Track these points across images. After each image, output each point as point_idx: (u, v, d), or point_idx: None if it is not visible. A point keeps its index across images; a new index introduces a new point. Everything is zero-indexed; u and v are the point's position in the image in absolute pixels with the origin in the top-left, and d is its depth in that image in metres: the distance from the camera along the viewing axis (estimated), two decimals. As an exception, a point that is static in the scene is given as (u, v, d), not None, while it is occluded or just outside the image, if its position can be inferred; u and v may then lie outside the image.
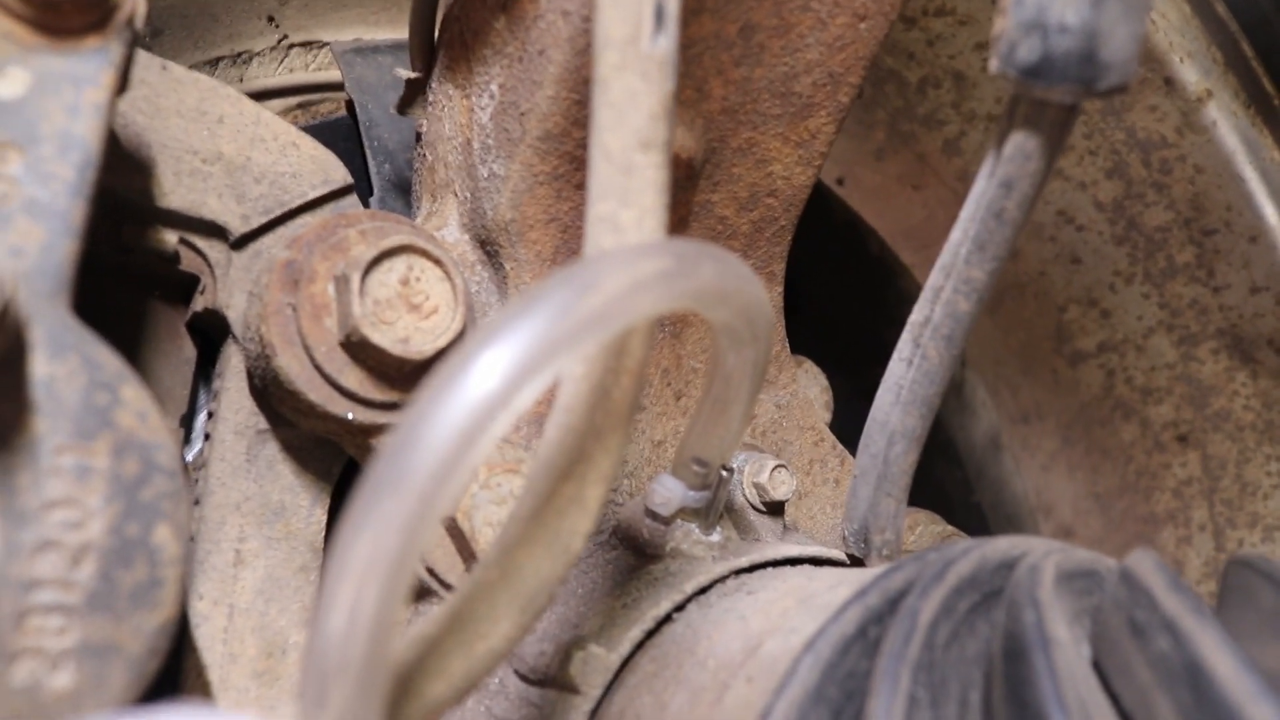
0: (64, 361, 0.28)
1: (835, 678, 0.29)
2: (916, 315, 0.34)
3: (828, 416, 0.49)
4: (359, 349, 0.36)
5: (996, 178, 0.31)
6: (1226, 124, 0.58)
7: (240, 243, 0.40)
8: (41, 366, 0.28)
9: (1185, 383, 0.64)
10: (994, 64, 0.32)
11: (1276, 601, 0.27)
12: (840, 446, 0.46)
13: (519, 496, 0.30)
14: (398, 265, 0.36)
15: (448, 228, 0.41)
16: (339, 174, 0.41)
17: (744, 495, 0.42)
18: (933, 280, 0.33)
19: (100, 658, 0.26)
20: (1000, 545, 0.29)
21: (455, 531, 0.35)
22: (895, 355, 0.35)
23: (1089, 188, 0.61)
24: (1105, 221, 0.62)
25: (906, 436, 0.35)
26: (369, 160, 0.51)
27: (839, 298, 0.58)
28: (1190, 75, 0.57)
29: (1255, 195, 0.58)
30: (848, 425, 0.45)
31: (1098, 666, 0.28)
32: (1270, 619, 0.27)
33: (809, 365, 0.51)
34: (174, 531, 0.28)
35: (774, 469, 0.42)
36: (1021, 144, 0.31)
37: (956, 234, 0.32)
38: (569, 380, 0.29)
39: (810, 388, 0.49)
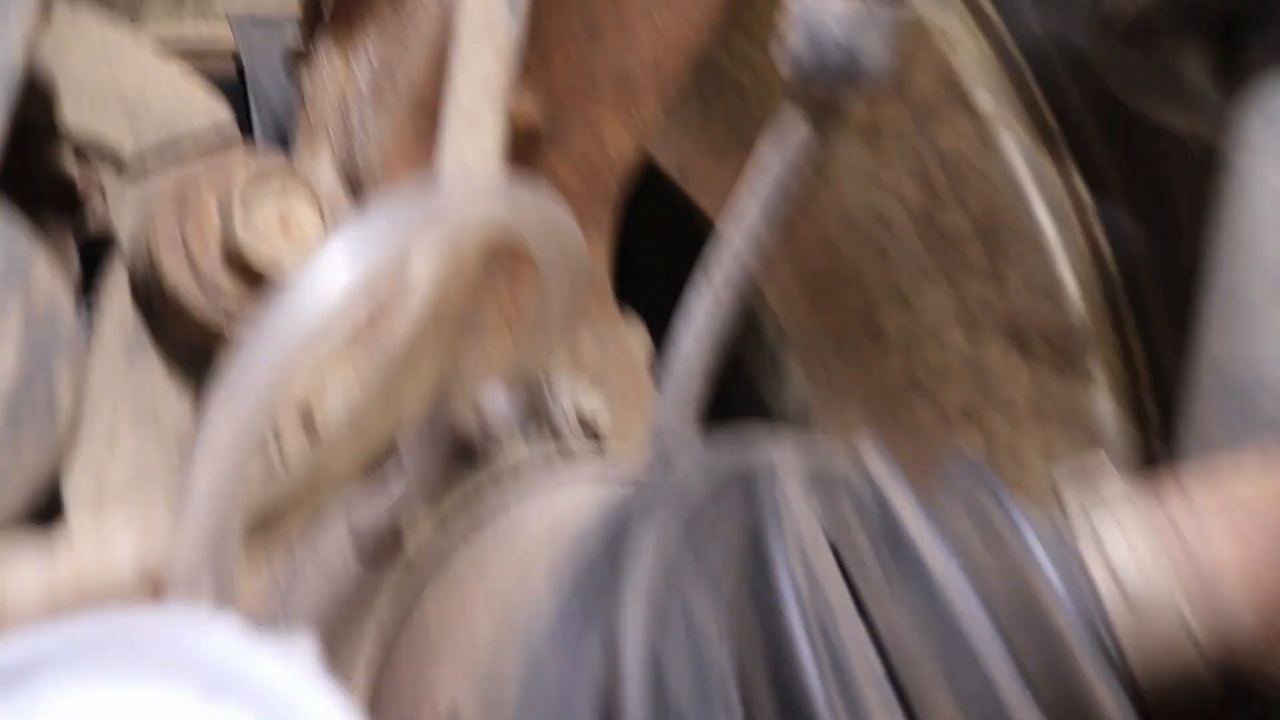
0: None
1: (591, 564, 0.36)
2: (715, 264, 0.42)
3: (647, 364, 0.57)
4: (238, 265, 0.42)
5: (777, 153, 0.40)
6: (1014, 147, 0.68)
7: (132, 168, 0.46)
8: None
9: (973, 369, 0.74)
10: (784, 70, 0.40)
11: (971, 485, 0.35)
12: (655, 390, 0.54)
13: (364, 379, 0.37)
14: (275, 194, 0.43)
15: (321, 169, 0.47)
16: (225, 116, 0.47)
17: (564, 416, 0.50)
18: (725, 236, 0.41)
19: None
20: (737, 447, 0.37)
21: (307, 417, 0.42)
22: (694, 300, 0.43)
23: (898, 192, 0.71)
24: (911, 223, 0.71)
25: (701, 369, 0.43)
26: (254, 116, 0.57)
27: (672, 272, 0.66)
28: (986, 101, 0.67)
29: (1036, 210, 0.69)
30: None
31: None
32: (964, 499, 0.35)
33: (638, 326, 0.59)
34: (71, 391, 0.34)
35: (591, 394, 0.49)
36: (798, 128, 0.40)
37: (744, 198, 0.40)
38: (413, 288, 0.36)
39: (634, 343, 0.57)
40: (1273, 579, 0.33)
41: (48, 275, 0.35)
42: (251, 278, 0.43)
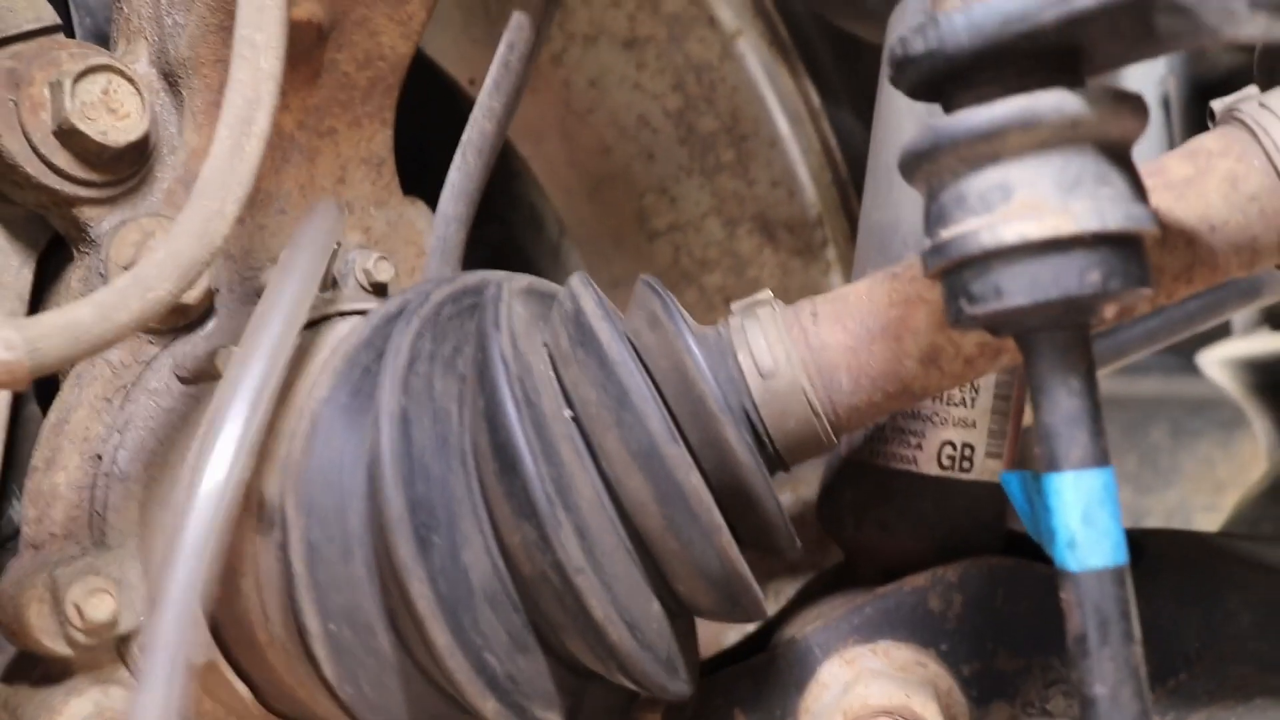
0: None
1: (356, 367, 0.46)
2: (464, 137, 0.53)
3: (430, 241, 0.67)
4: (68, 137, 0.51)
5: (506, 41, 0.50)
6: (754, 56, 0.80)
7: (-36, 59, 0.53)
8: None
9: (730, 257, 0.86)
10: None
11: (649, 297, 0.47)
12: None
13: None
14: (100, 79, 0.51)
15: (139, 62, 0.55)
16: (49, 14, 0.55)
17: (355, 279, 0.60)
18: (474, 112, 0.52)
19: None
20: (477, 273, 0.48)
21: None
22: (451, 167, 0.53)
23: (659, 99, 0.82)
24: (671, 126, 0.83)
25: (458, 220, 0.54)
26: (73, 16, 0.64)
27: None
28: (728, 17, 0.79)
29: (773, 111, 0.81)
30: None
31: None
32: (644, 308, 0.47)
33: (421, 205, 0.69)
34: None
35: (378, 259, 0.59)
36: (521, 20, 0.50)
37: (488, 80, 0.51)
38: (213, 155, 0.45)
39: (419, 219, 0.67)
40: (865, 356, 0.46)
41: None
42: (81, 150, 0.51)
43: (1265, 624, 0.54)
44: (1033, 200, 0.38)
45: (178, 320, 0.54)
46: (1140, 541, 0.56)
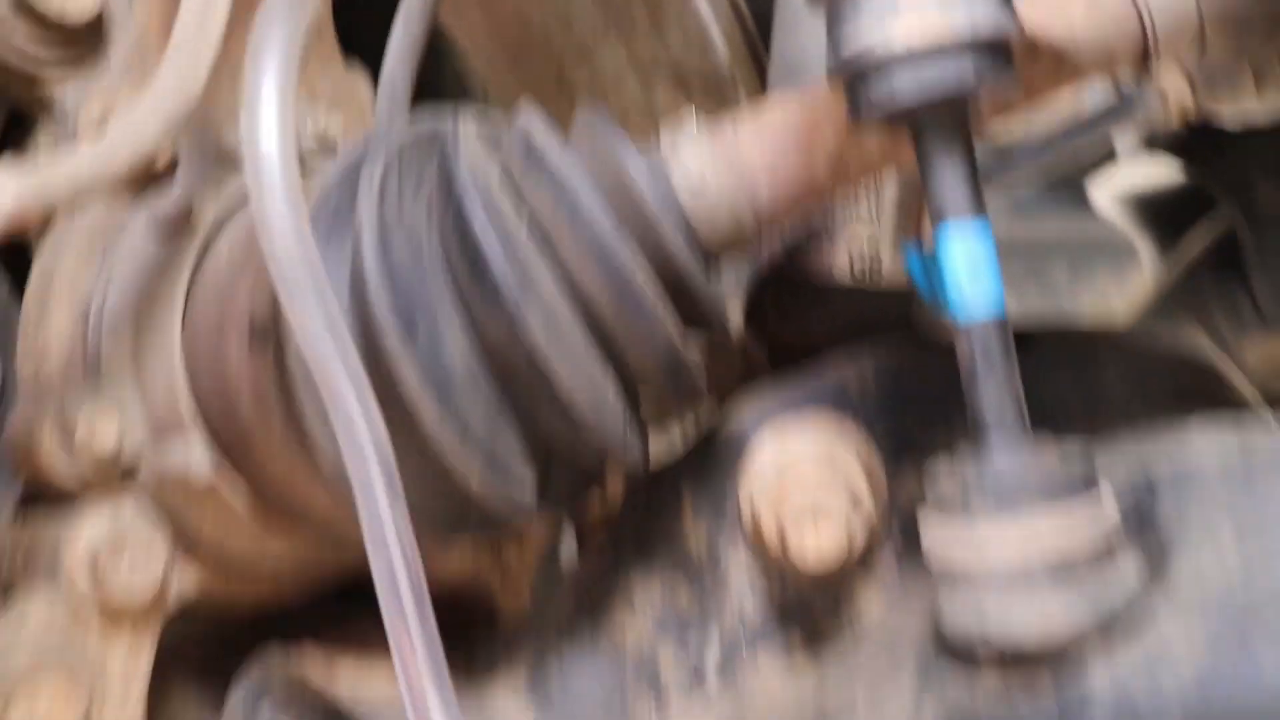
0: None
1: (331, 200, 0.53)
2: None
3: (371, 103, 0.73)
4: (27, 14, 0.55)
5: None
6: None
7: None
8: None
9: (648, 113, 0.93)
10: None
11: (591, 124, 0.53)
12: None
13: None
14: (54, -48, 0.56)
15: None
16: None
17: (306, 136, 0.66)
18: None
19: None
20: (430, 119, 0.55)
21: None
22: (394, 28, 0.59)
23: (574, -38, 0.88)
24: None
25: (404, 79, 0.60)
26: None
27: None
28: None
29: (683, -29, 0.87)
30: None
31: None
32: (588, 134, 0.53)
33: (360, 71, 0.74)
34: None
35: (328, 117, 0.65)
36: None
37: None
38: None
39: (359, 84, 0.73)
40: (781, 161, 0.53)
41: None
42: (40, 26, 0.56)
43: (1134, 391, 0.64)
44: (917, 14, 0.45)
45: (147, 182, 0.60)
46: (1029, 333, 0.66)
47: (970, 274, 0.45)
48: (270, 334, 0.52)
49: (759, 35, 0.90)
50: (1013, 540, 0.44)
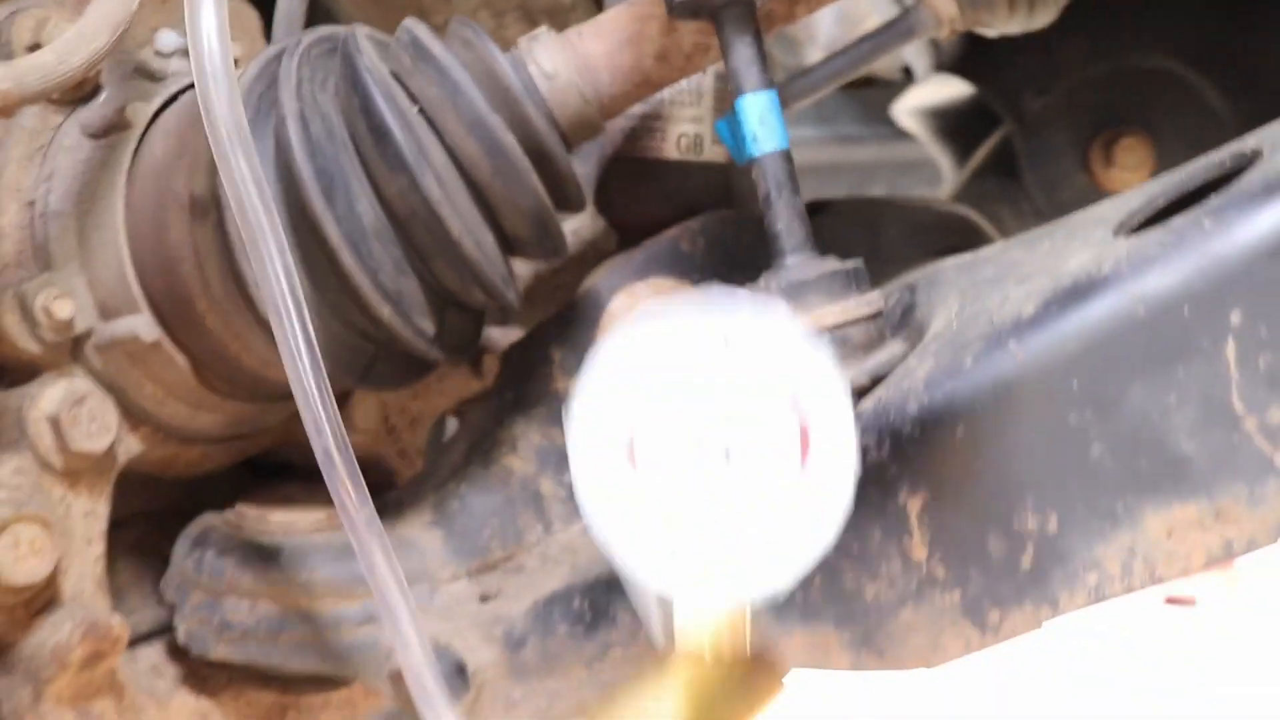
0: None
1: (254, 95, 0.65)
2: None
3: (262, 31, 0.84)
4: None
5: None
6: None
7: None
8: None
9: (501, 43, 1.06)
10: None
11: (463, 28, 0.67)
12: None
13: None
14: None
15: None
16: None
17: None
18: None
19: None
20: (327, 26, 0.67)
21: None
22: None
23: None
24: (439, -68, 1.01)
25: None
26: None
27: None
28: None
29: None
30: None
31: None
32: (460, 37, 0.67)
33: (249, 4, 0.85)
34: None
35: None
36: None
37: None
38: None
39: (250, 15, 0.84)
40: (618, 59, 0.68)
41: None
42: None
43: (910, 242, 0.81)
44: (713, -73, 0.60)
45: (77, 94, 0.70)
46: (828, 200, 0.82)
47: (760, 122, 0.60)
48: (210, 206, 0.63)
49: (595, -29, 1.04)
50: (803, 325, 0.60)
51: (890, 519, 0.54)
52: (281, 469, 0.87)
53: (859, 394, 0.58)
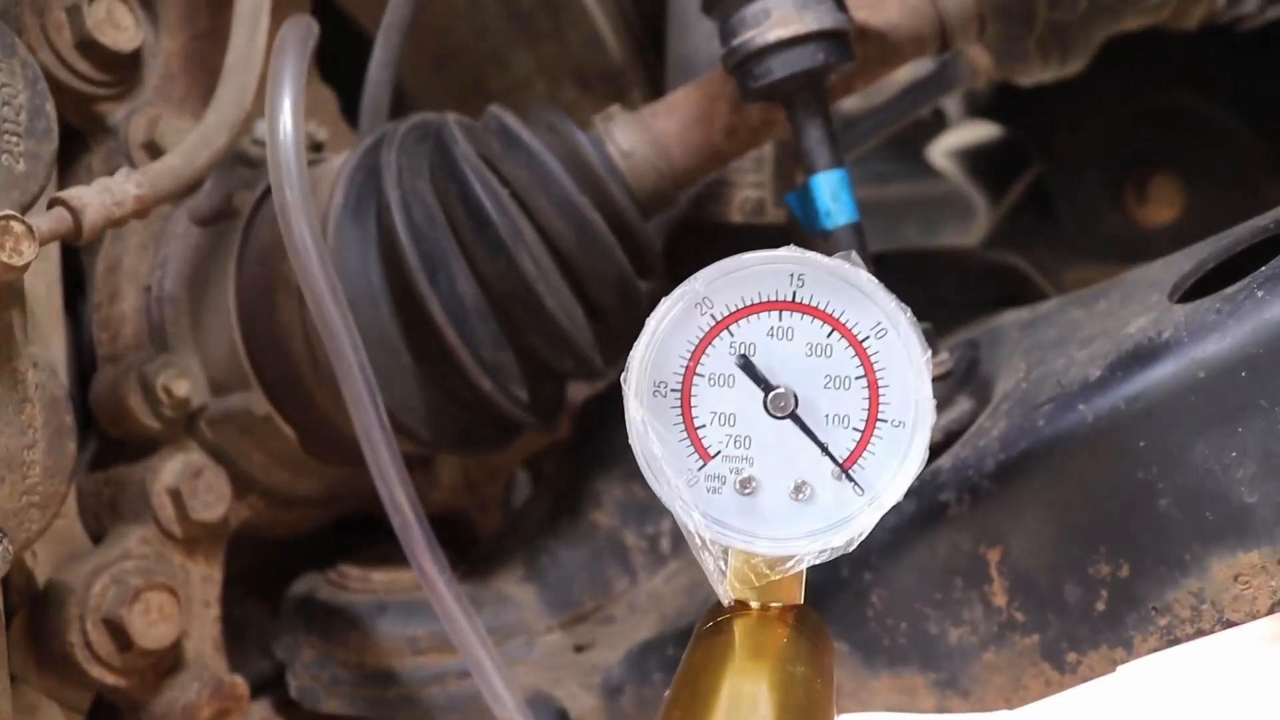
0: None
1: (355, 182, 0.70)
2: (385, 20, 0.76)
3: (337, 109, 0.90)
4: (87, 47, 0.71)
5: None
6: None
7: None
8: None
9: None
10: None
11: (546, 114, 0.72)
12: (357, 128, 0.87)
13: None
14: (102, 3, 0.71)
15: (115, -13, 0.75)
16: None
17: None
18: (391, 3, 0.75)
19: (33, 159, 0.61)
20: (418, 114, 0.72)
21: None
22: (376, 44, 0.77)
23: (487, -15, 1.06)
24: (498, 4, 1.07)
25: (385, 83, 0.77)
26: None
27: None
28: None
29: (579, -15, 1.06)
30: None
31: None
32: (544, 122, 0.72)
33: (328, 88, 0.91)
34: (52, 111, 0.62)
35: (316, 124, 0.82)
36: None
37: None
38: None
39: (330, 99, 0.89)
40: (688, 135, 0.73)
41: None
42: (98, 58, 0.71)
43: (964, 295, 0.86)
44: (782, 16, 0.65)
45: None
46: (883, 254, 0.87)
47: (833, 198, 0.65)
48: (320, 289, 0.69)
49: (645, 35, 1.09)
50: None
51: (971, 569, 0.59)
52: (365, 525, 0.92)
53: (934, 451, 0.63)
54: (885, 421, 0.47)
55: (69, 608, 0.68)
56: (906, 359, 0.47)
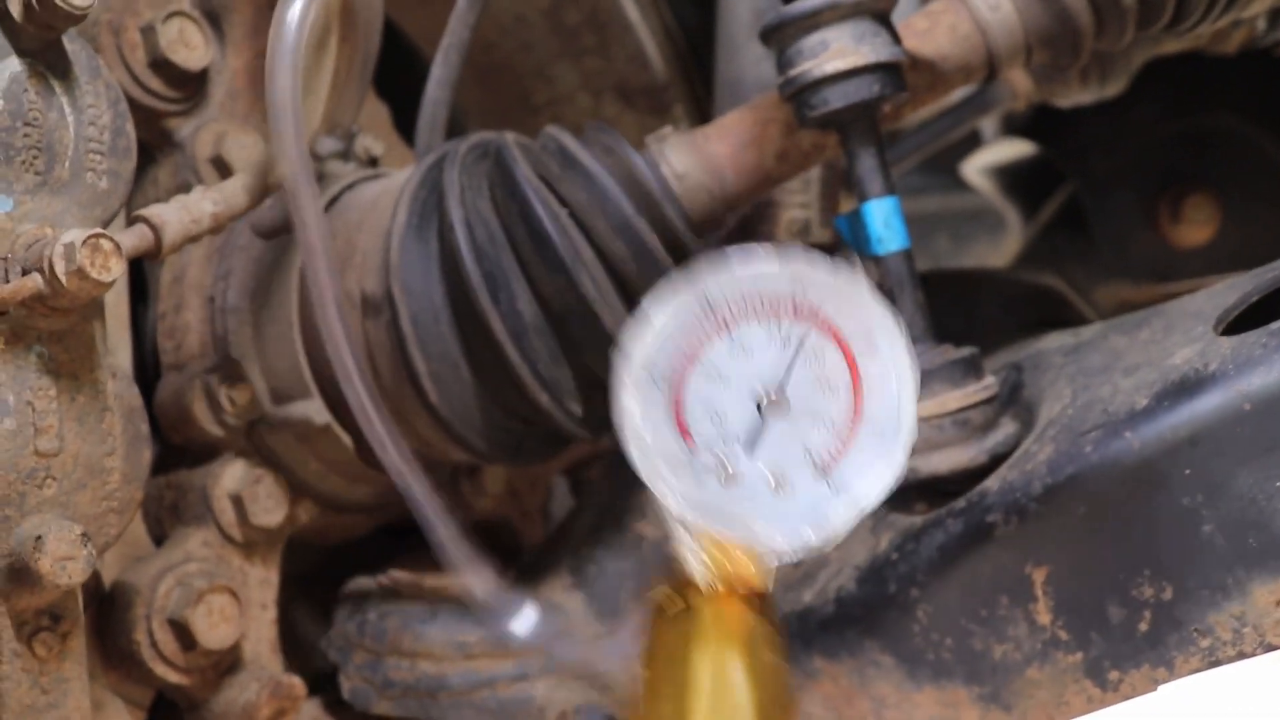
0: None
1: (418, 200, 0.73)
2: (444, 41, 0.79)
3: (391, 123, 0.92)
4: (160, 66, 0.74)
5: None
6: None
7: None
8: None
9: (595, 121, 1.14)
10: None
11: (599, 133, 0.75)
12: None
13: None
14: (175, 22, 0.74)
15: (185, 4, 0.78)
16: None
17: (356, 155, 0.85)
18: (451, 22, 0.78)
19: (114, 177, 0.64)
20: (478, 134, 0.75)
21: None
22: (434, 64, 0.79)
23: (531, 0, 1.08)
24: (543, 19, 1.09)
25: (443, 102, 0.80)
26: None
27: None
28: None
29: (625, 2, 1.08)
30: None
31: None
32: (598, 141, 0.75)
33: (383, 105, 0.94)
34: (132, 130, 0.65)
35: (372, 139, 0.85)
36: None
37: (460, 2, 0.77)
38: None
39: (382, 111, 0.92)
40: (741, 158, 0.75)
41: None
42: (169, 76, 0.74)
43: (1004, 315, 0.88)
44: (840, 48, 0.68)
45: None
46: (924, 274, 0.90)
47: (885, 225, 0.68)
48: (383, 305, 0.72)
49: (689, 52, 1.12)
50: (929, 408, 0.67)
51: (1017, 587, 0.61)
52: (416, 531, 0.95)
53: (981, 472, 0.66)
54: (868, 426, 0.50)
55: (135, 608, 0.71)
56: (893, 369, 0.50)
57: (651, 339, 0.50)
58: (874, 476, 0.50)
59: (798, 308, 0.50)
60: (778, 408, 0.50)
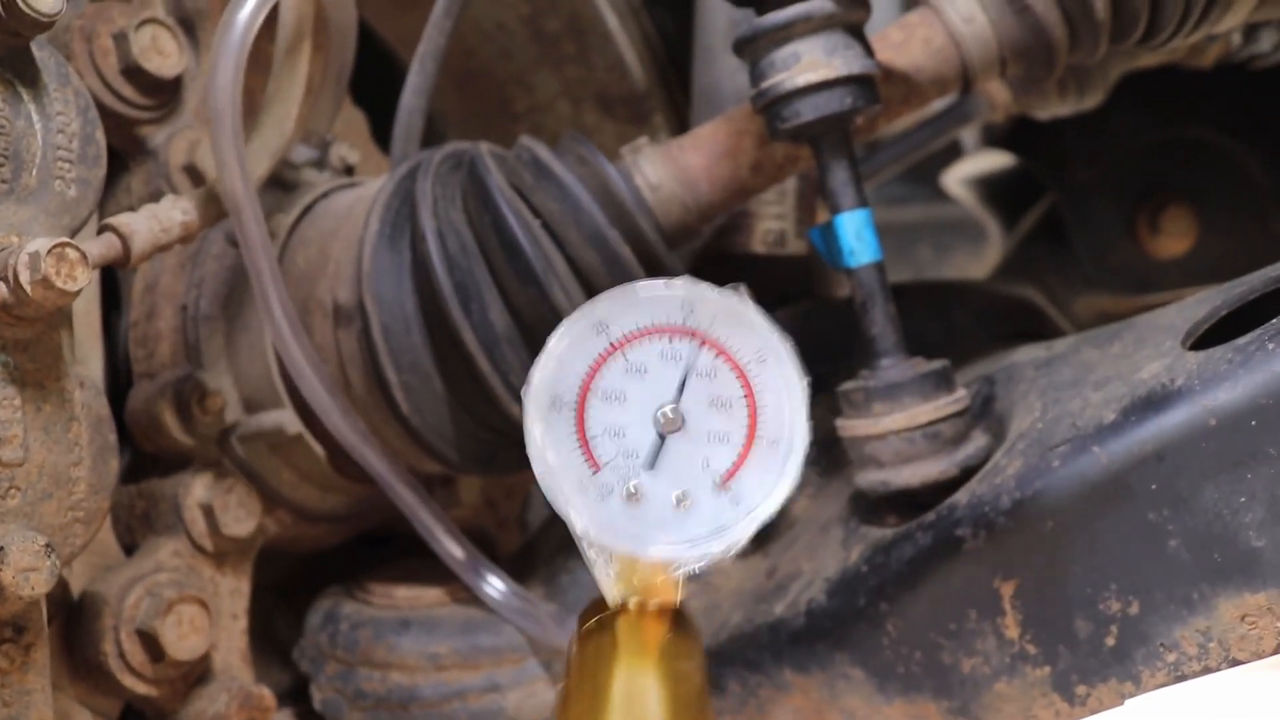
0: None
1: (391, 210, 0.73)
2: (420, 50, 0.78)
3: (369, 131, 0.92)
4: (133, 74, 0.74)
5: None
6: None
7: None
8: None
9: (579, 130, 1.14)
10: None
11: (574, 143, 0.75)
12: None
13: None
14: (148, 29, 0.74)
15: (158, 12, 0.78)
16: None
17: (332, 164, 0.85)
18: (427, 29, 0.78)
19: (83, 184, 0.63)
20: (451, 144, 0.75)
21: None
22: (410, 72, 0.79)
23: (512, 7, 1.08)
24: (523, 28, 1.09)
25: (419, 111, 0.80)
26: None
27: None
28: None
29: (604, 11, 1.08)
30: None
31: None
32: (571, 151, 0.74)
33: (360, 112, 0.94)
34: (102, 138, 0.64)
35: (348, 148, 0.85)
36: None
37: (437, 6, 0.77)
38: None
39: (359, 119, 0.92)
40: (715, 169, 0.75)
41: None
42: (142, 83, 0.74)
43: (979, 327, 0.88)
44: (811, 60, 0.68)
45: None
46: (900, 285, 0.90)
47: (857, 237, 0.68)
48: (355, 315, 0.71)
49: (668, 61, 1.12)
50: (900, 421, 0.67)
51: (986, 601, 0.61)
52: (388, 541, 0.95)
53: (952, 485, 0.66)
54: (763, 440, 0.52)
55: (104, 618, 0.71)
56: (784, 384, 0.53)
57: (551, 364, 0.53)
58: (771, 488, 0.52)
59: (687, 329, 0.52)
60: (675, 426, 0.52)
